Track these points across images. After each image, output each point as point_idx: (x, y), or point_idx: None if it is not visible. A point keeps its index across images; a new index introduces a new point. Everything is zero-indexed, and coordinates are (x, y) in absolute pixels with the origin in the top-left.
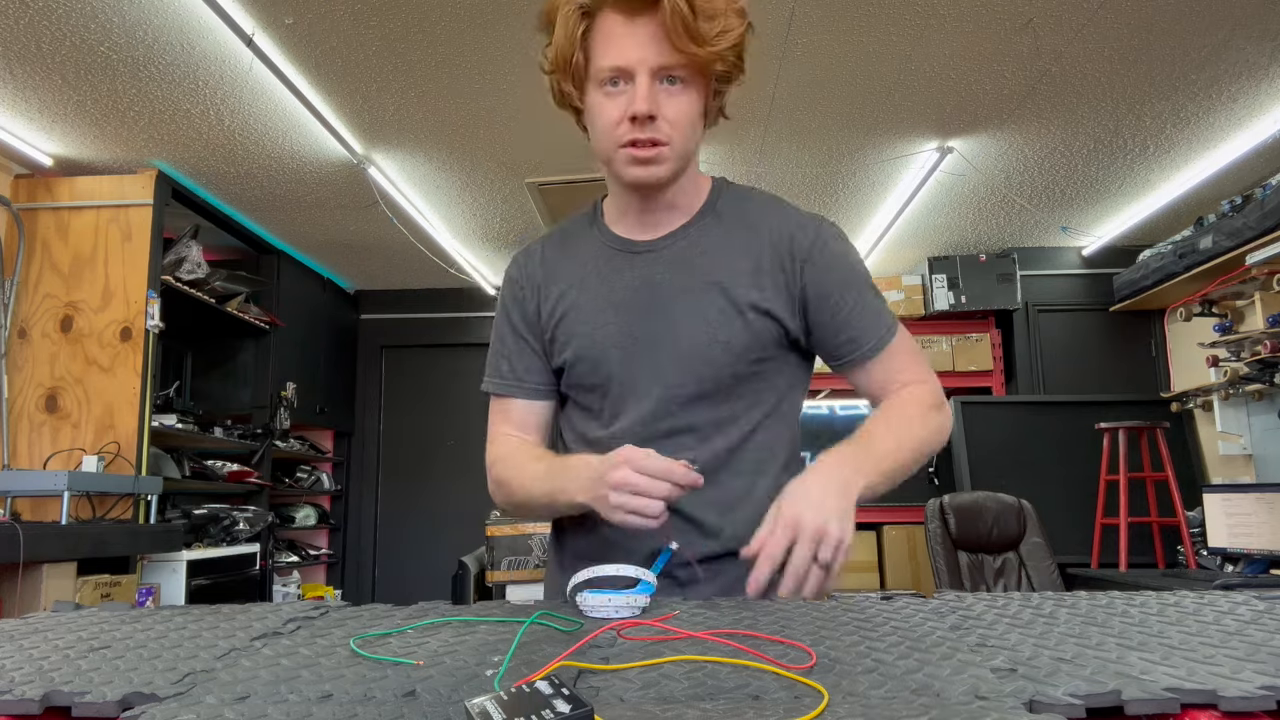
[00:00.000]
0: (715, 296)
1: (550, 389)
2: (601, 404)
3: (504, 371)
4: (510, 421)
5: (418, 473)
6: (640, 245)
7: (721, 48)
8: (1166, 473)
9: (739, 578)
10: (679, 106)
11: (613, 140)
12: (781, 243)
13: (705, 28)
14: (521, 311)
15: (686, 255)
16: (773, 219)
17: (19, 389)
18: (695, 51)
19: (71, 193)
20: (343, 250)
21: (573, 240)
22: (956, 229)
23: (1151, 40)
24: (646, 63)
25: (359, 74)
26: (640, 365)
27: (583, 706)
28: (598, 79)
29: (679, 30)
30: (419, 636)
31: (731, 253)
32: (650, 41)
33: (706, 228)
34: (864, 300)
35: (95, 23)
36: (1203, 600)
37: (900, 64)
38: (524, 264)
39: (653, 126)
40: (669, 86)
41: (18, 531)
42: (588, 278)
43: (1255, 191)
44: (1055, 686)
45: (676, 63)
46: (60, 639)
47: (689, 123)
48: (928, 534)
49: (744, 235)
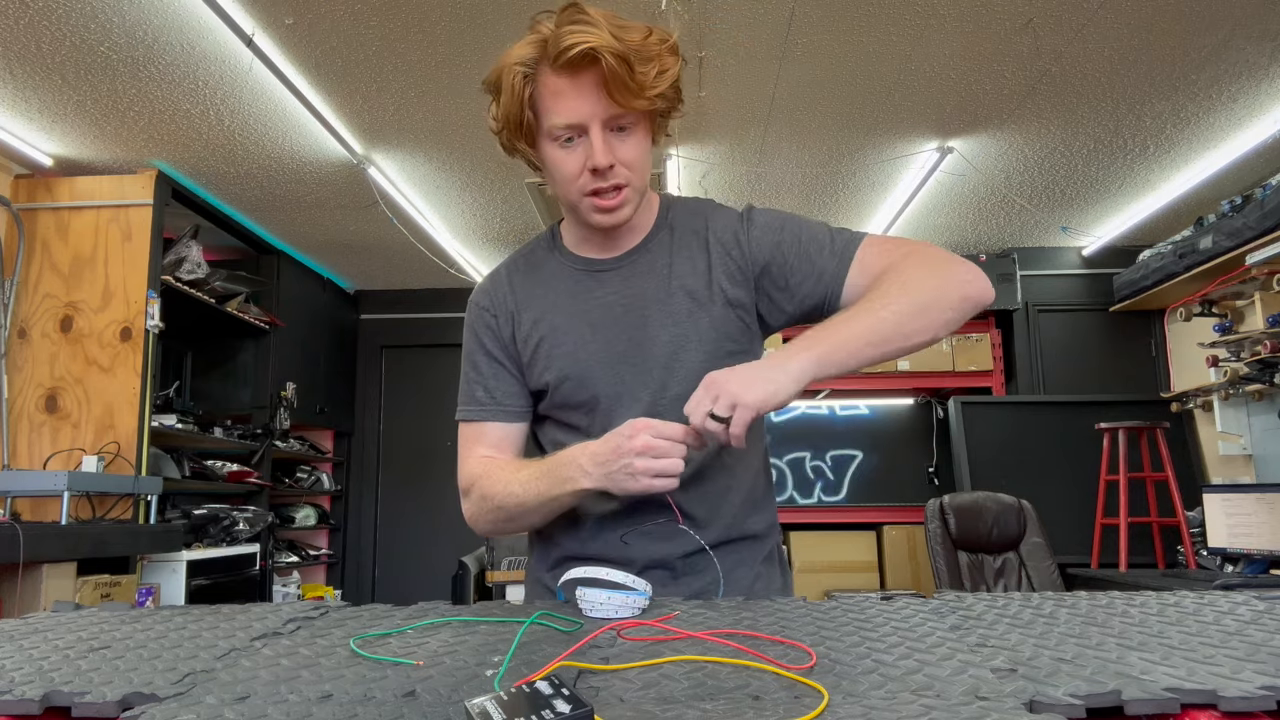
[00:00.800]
0: (682, 299)
1: (526, 411)
2: (589, 419)
3: (480, 398)
4: (484, 444)
5: (418, 473)
6: (605, 264)
7: (661, 88)
8: (1166, 473)
9: (729, 568)
10: (632, 149)
11: (576, 190)
12: (724, 232)
13: (642, 75)
14: (495, 337)
15: (650, 267)
16: (713, 219)
17: (19, 389)
18: (637, 103)
19: (71, 193)
20: (343, 250)
21: (536, 266)
22: (956, 229)
23: (1151, 40)
24: (597, 116)
25: (359, 74)
26: (625, 376)
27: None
28: (550, 135)
29: (619, 86)
30: (419, 636)
31: (689, 259)
32: (597, 95)
33: (663, 240)
34: (812, 233)
35: (95, 23)
36: (1203, 600)
37: (900, 64)
38: (492, 291)
39: (612, 174)
40: (619, 133)
41: (18, 531)
42: (559, 300)
43: (1255, 191)
44: (1055, 686)
45: (621, 112)
46: (60, 639)
47: (642, 161)
48: (928, 534)
49: (693, 239)
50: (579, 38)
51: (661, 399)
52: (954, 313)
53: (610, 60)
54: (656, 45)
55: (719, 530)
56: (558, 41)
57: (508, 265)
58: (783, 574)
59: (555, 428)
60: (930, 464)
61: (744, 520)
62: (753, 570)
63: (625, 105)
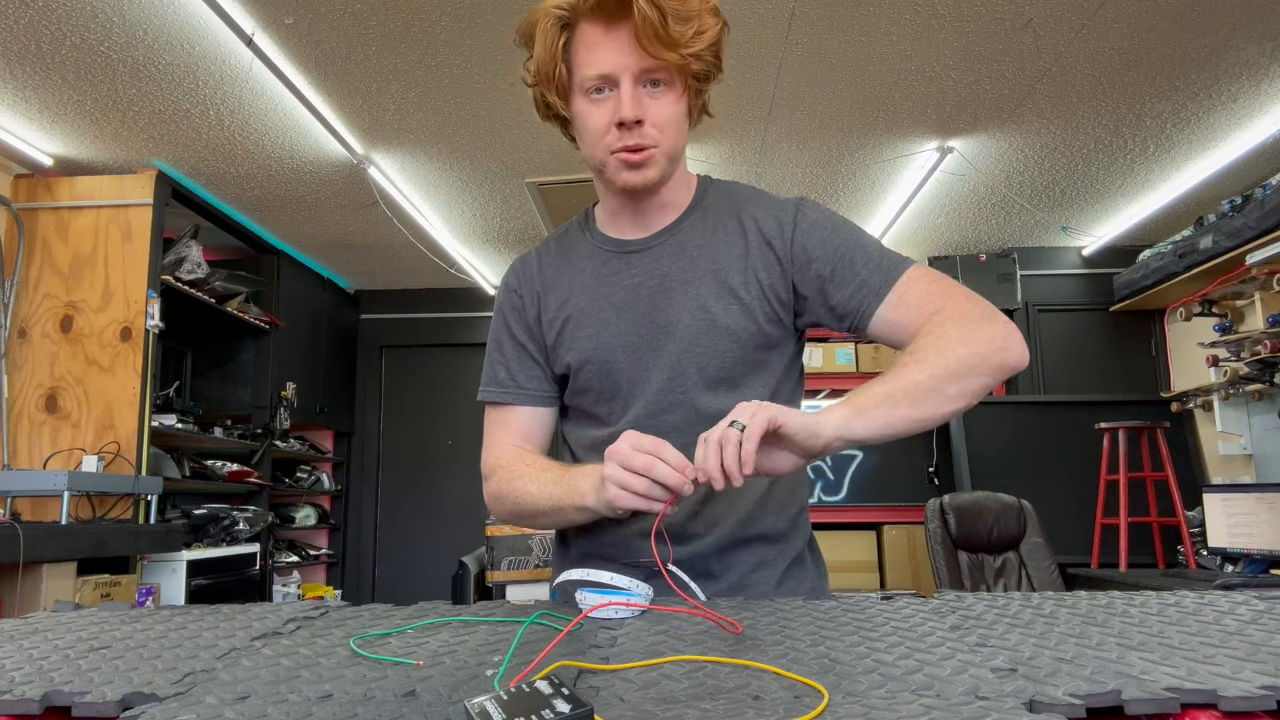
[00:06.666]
0: (713, 285)
1: (551, 397)
2: (610, 405)
3: (502, 379)
4: (508, 430)
5: (418, 473)
6: (635, 244)
7: (697, 48)
8: (1166, 473)
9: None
10: (663, 108)
11: (603, 147)
12: (767, 223)
13: (679, 31)
14: (521, 319)
15: (682, 248)
16: (755, 206)
17: (19, 389)
18: (670, 55)
19: (71, 193)
20: (343, 250)
21: (568, 247)
22: (956, 229)
23: (1151, 40)
24: (629, 68)
25: (359, 74)
26: (648, 361)
27: (583, 706)
28: (582, 88)
29: (651, 36)
30: (419, 636)
31: (723, 242)
32: (630, 47)
33: (696, 222)
34: (860, 244)
35: (95, 23)
36: (1203, 600)
37: (900, 64)
38: (521, 272)
39: (640, 131)
40: (652, 89)
41: (18, 531)
42: (586, 282)
43: (1255, 191)
44: (1055, 686)
45: (655, 65)
46: (60, 639)
47: (674, 123)
48: (928, 534)
49: (732, 224)
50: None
51: (681, 387)
52: (990, 379)
53: (643, 5)
54: (698, 4)
55: (730, 528)
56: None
57: (540, 247)
58: (817, 577)
59: (579, 415)
60: (930, 464)
61: (759, 520)
62: (774, 573)
63: (657, 56)
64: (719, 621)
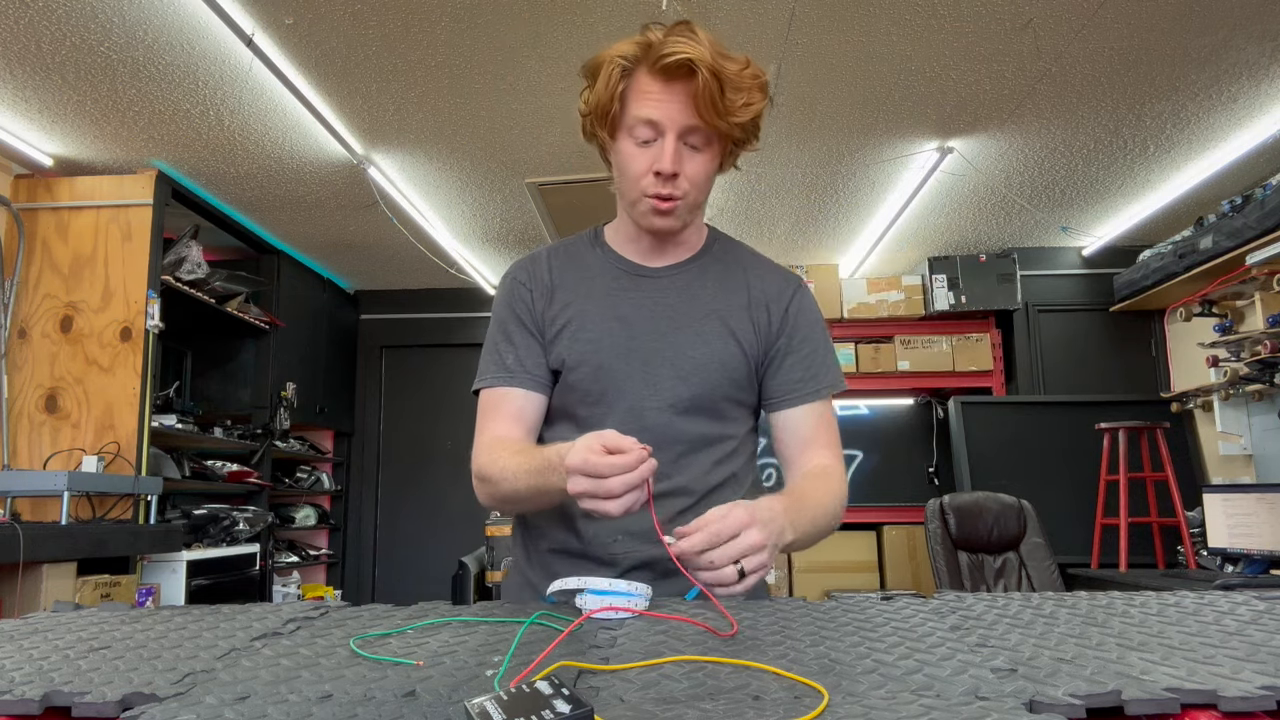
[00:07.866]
0: (716, 324)
1: (549, 386)
2: (593, 409)
3: (509, 365)
4: (505, 415)
5: (418, 473)
6: (648, 270)
7: (742, 119)
8: (1166, 473)
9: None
10: (698, 166)
11: (638, 189)
12: (769, 290)
13: (731, 100)
14: (529, 309)
15: (691, 286)
16: (759, 268)
17: (19, 389)
18: (718, 123)
19: (71, 193)
20: (343, 250)
21: (576, 257)
22: (956, 229)
23: (1151, 40)
24: (676, 123)
25: (359, 74)
26: (640, 376)
27: (583, 706)
28: (629, 127)
29: (707, 102)
30: (419, 636)
31: (728, 289)
32: (682, 106)
33: (706, 265)
34: (827, 349)
35: (95, 23)
36: (1203, 600)
37: (900, 64)
38: (530, 269)
39: (674, 184)
40: (691, 150)
41: (18, 531)
42: (595, 288)
43: (1255, 191)
44: (1055, 686)
45: (701, 127)
46: (60, 639)
47: (705, 180)
48: (928, 534)
49: (738, 278)
50: (682, 48)
51: (669, 408)
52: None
53: (705, 74)
54: (750, 79)
55: None
56: (662, 46)
57: (548, 250)
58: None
59: (564, 421)
60: (930, 464)
61: None
62: None
63: (707, 122)
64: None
